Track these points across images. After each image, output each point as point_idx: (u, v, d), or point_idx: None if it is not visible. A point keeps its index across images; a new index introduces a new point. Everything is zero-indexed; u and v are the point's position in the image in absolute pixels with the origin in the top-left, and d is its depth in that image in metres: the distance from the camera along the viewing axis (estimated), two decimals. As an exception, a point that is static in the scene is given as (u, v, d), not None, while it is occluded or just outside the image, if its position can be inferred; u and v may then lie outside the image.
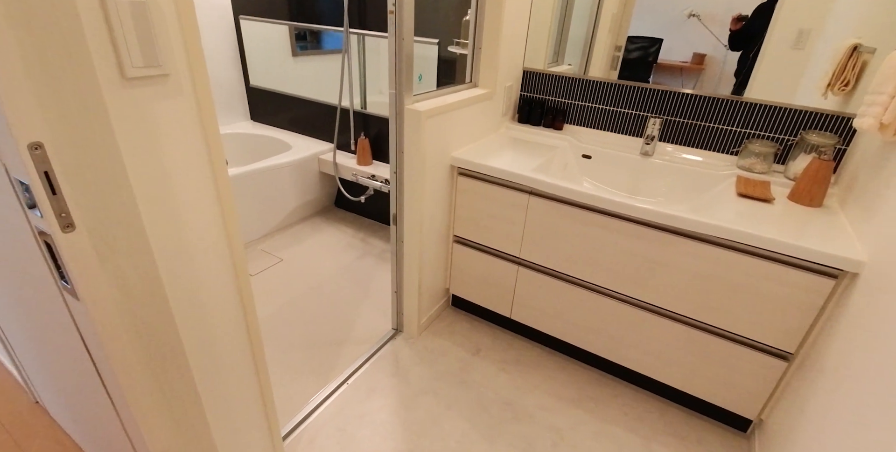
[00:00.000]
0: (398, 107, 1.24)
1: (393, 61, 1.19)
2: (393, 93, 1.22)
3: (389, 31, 1.17)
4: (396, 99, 1.23)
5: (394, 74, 1.20)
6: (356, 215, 2.52)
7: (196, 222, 0.73)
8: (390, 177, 1.35)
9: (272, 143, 2.47)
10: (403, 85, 1.20)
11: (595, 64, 1.64)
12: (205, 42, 2.29)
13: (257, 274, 1.96)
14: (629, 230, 1.22)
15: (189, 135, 0.68)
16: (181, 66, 0.64)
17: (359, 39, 2.08)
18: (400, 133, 1.27)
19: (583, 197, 1.24)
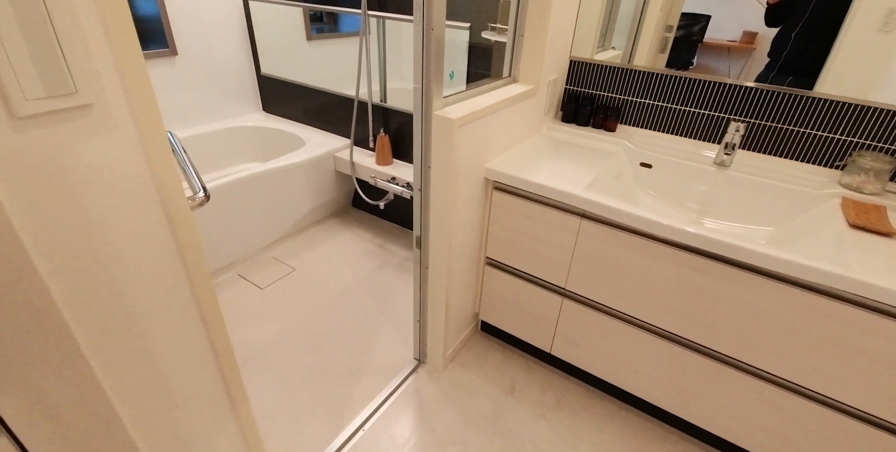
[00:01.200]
0: (425, 111, 1.01)
1: (420, 57, 0.96)
2: (419, 94, 1.00)
3: (416, 19, 0.93)
4: (423, 102, 1.00)
5: (420, 72, 0.97)
6: (375, 217, 2.32)
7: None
8: (414, 195, 1.14)
9: (285, 138, 2.27)
10: (432, 85, 0.97)
11: (642, 46, 1.38)
12: (211, 27, 2.08)
13: (267, 286, 1.80)
14: (704, 266, 0.99)
15: (131, 183, 0.48)
16: (112, 89, 0.43)
17: (378, 23, 1.83)
18: (426, 143, 1.05)
19: (653, 226, 1.00)
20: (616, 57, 1.43)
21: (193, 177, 0.77)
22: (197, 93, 2.14)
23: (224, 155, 2.29)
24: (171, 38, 1.97)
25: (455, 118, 0.98)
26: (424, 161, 1.07)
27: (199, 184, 0.75)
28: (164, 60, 1.98)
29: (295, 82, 2.22)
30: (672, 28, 1.39)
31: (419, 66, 0.97)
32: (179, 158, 0.84)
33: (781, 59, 1.15)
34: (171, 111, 2.07)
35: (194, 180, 0.76)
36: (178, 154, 0.84)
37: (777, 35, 1.17)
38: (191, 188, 0.74)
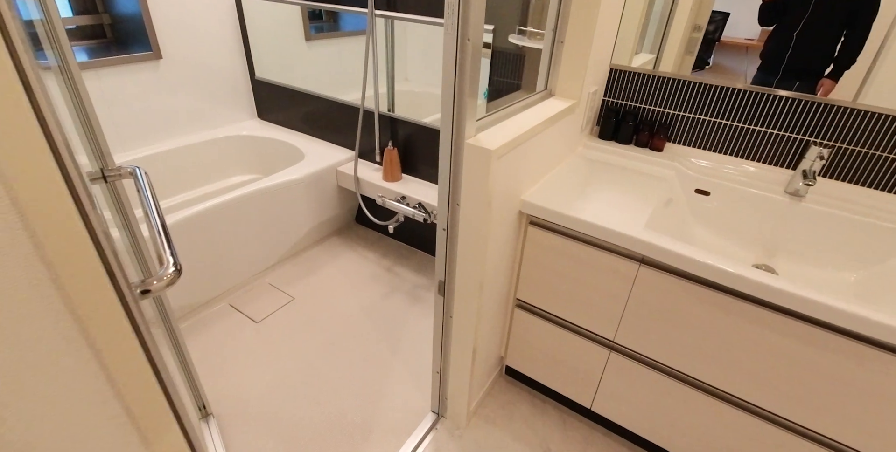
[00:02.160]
0: (455, 139, 0.82)
1: (451, 73, 0.77)
2: (448, 118, 0.80)
3: (447, 25, 0.74)
4: (453, 128, 0.81)
5: (450, 92, 0.78)
6: (381, 235, 2.13)
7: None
8: (438, 235, 0.95)
9: (282, 149, 2.08)
10: (465, 108, 0.78)
11: (669, 48, 1.20)
12: (199, 27, 1.88)
13: (263, 320, 1.61)
14: (787, 327, 0.81)
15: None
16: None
17: (386, 23, 1.64)
18: (455, 176, 0.86)
19: (739, 282, 0.82)
20: (648, 62, 1.25)
21: (163, 243, 0.58)
22: (185, 99, 1.94)
23: (217, 167, 2.10)
24: (155, 40, 1.77)
25: (493, 148, 0.79)
26: (452, 197, 0.88)
27: (169, 254, 0.56)
28: (147, 65, 1.78)
29: (292, 88, 2.02)
30: (701, 28, 1.23)
31: (449, 85, 0.78)
32: (151, 217, 0.65)
33: (784, 61, 1.06)
34: (156, 120, 1.87)
35: (164, 248, 0.57)
36: (151, 216, 0.65)
37: (772, 34, 1.07)
38: (158, 260, 0.55)
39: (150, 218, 0.66)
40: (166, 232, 0.63)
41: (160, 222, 0.63)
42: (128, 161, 1.78)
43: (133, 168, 0.77)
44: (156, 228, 0.63)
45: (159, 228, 0.63)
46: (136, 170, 0.76)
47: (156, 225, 0.63)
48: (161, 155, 1.88)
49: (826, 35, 1.00)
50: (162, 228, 0.63)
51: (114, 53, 1.73)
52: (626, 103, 1.30)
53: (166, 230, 0.63)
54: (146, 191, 0.72)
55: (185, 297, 1.56)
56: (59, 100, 0.75)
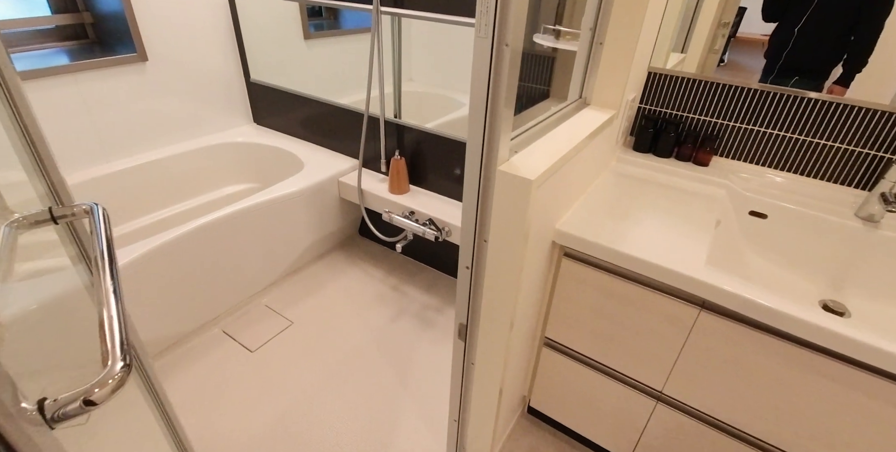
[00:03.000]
0: (485, 164, 0.68)
1: (483, 86, 0.62)
2: (478, 140, 0.66)
3: (479, 26, 0.59)
4: (483, 152, 0.66)
5: (482, 109, 0.63)
6: (386, 249, 1.99)
7: None
8: (460, 274, 0.81)
9: (280, 158, 1.93)
10: (499, 128, 0.64)
11: (695, 46, 1.07)
12: (188, 25, 1.73)
13: (258, 348, 1.47)
14: (878, 388, 0.67)
15: None
16: None
17: (393, 21, 1.49)
18: (483, 208, 0.71)
19: (829, 340, 0.68)
20: (678, 63, 1.11)
21: (112, 329, 0.43)
22: (174, 104, 1.79)
23: (210, 176, 1.95)
24: (140, 41, 1.62)
25: (533, 178, 0.65)
26: (479, 233, 0.74)
27: (118, 341, 0.41)
28: (132, 67, 1.63)
29: (289, 91, 1.88)
30: (728, 25, 1.11)
31: (480, 100, 0.63)
32: (101, 276, 0.51)
33: (782, 58, 1.00)
34: (143, 126, 1.73)
35: (111, 331, 0.42)
36: (100, 275, 0.51)
37: (775, 30, 0.99)
38: (109, 354, 0.41)
39: (100, 275, 0.52)
40: (119, 304, 0.48)
41: (112, 285, 0.49)
42: (113, 172, 1.64)
43: (90, 205, 0.62)
44: (104, 293, 0.48)
45: (110, 297, 0.48)
46: (93, 207, 0.62)
47: (105, 288, 0.48)
48: (149, 165, 1.74)
49: (830, 32, 0.92)
50: (114, 296, 0.49)
51: (97, 55, 1.58)
52: (666, 111, 1.15)
53: (119, 300, 0.48)
54: (101, 237, 0.57)
55: (174, 325, 1.42)
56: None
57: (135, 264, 1.22)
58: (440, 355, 1.46)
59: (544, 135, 0.80)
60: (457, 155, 1.53)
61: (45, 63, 1.46)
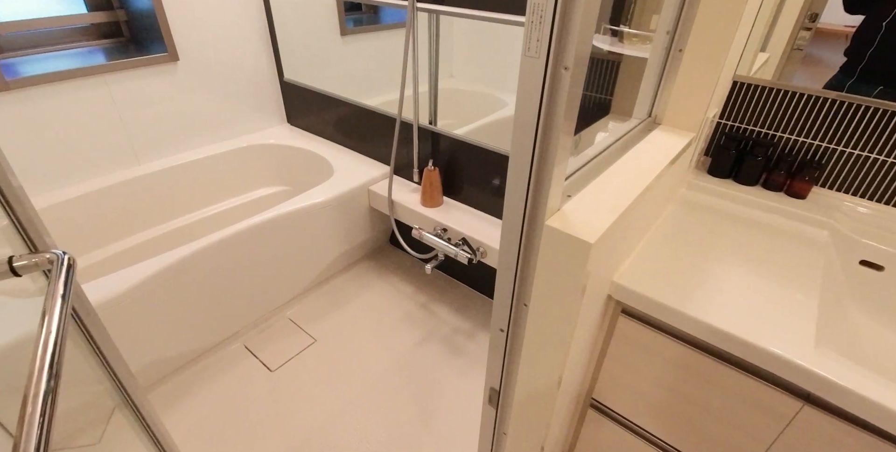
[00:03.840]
0: (529, 216, 0.53)
1: (529, 119, 0.47)
2: (520, 185, 0.51)
3: (528, 40, 0.44)
4: (528, 200, 0.52)
5: (527, 147, 0.48)
6: (417, 261, 1.87)
7: None
8: (493, 336, 0.67)
9: (311, 161, 1.84)
10: (549, 174, 0.49)
11: (775, 45, 0.86)
12: (220, 23, 1.65)
13: (278, 368, 1.39)
14: None
15: None
16: None
17: (430, 16, 1.34)
18: (524, 268, 0.57)
19: None
20: (763, 65, 0.90)
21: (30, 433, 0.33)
22: (206, 104, 1.73)
23: (242, 178, 1.90)
24: (170, 40, 1.55)
25: (593, 240, 0.49)
26: (518, 295, 0.59)
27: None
28: (163, 68, 1.58)
29: (322, 92, 1.77)
30: (816, 17, 0.90)
31: (527, 136, 0.48)
32: (41, 347, 0.41)
33: (865, 59, 0.81)
34: (174, 128, 1.68)
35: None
36: (41, 347, 0.41)
37: (860, 25, 0.80)
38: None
39: (38, 346, 0.42)
40: (48, 398, 0.38)
41: (47, 371, 0.39)
42: (144, 175, 1.61)
43: (56, 254, 0.53)
44: (35, 376, 0.38)
45: (41, 383, 0.38)
46: (59, 256, 0.52)
47: (37, 367, 0.38)
48: (180, 167, 1.69)
49: None
50: (45, 384, 0.38)
51: (132, 53, 1.53)
52: (754, 129, 0.95)
53: (50, 392, 0.38)
54: (55, 296, 0.47)
55: (195, 340, 1.36)
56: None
57: (159, 276, 1.16)
58: (468, 389, 1.34)
59: (605, 170, 0.64)
60: (496, 166, 1.37)
61: (81, 62, 1.42)
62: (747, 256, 0.76)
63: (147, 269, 1.16)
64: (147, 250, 1.66)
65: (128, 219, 1.62)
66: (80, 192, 1.48)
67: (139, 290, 1.14)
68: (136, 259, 1.64)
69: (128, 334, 1.16)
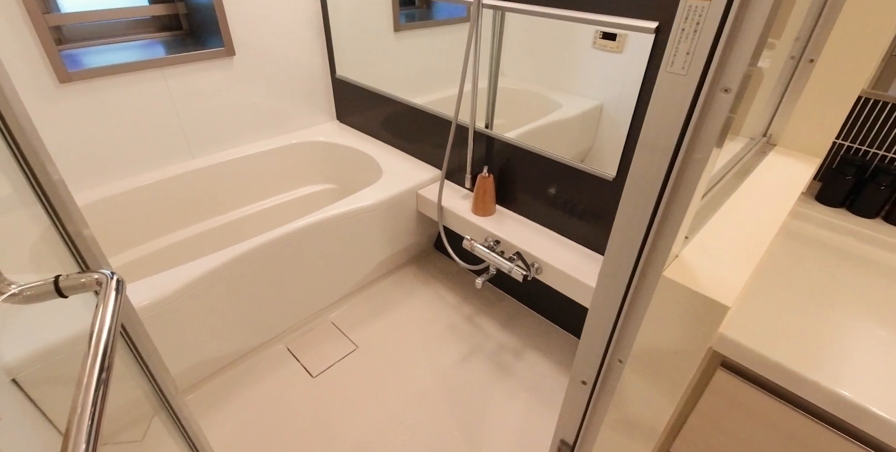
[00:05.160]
0: (644, 263, 0.44)
1: (663, 145, 0.38)
2: (639, 219, 0.42)
3: (671, 54, 0.35)
4: (647, 244, 0.43)
5: (649, 178, 0.40)
6: (462, 268, 1.80)
7: None
8: (572, 385, 0.58)
9: (360, 161, 1.80)
10: (679, 215, 0.40)
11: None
12: (276, 19, 1.62)
13: (319, 374, 1.36)
14: None
15: None
16: None
17: (495, 16, 1.25)
18: (627, 323, 0.48)
19: None
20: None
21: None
22: (259, 100, 1.71)
23: (291, 175, 1.88)
24: (227, 34, 1.53)
25: (729, 302, 0.40)
26: (614, 351, 0.51)
27: None
28: (219, 62, 1.56)
29: (373, 89, 1.72)
30: None
31: (654, 164, 0.39)
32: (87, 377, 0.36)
33: None
34: (228, 123, 1.67)
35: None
36: (87, 377, 0.36)
37: None
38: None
39: (85, 371, 0.37)
40: (95, 415, 0.33)
41: (94, 393, 0.34)
42: (198, 169, 1.61)
43: (104, 274, 0.48)
44: (81, 396, 0.34)
45: (87, 400, 0.33)
46: (107, 277, 0.48)
47: (83, 388, 0.33)
48: (232, 162, 1.69)
49: None
50: (92, 403, 0.34)
51: (189, 46, 1.53)
52: (877, 152, 0.81)
53: (97, 409, 0.33)
54: (105, 319, 0.43)
55: (239, 341, 1.34)
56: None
57: (207, 277, 1.14)
58: (516, 415, 1.26)
59: (722, 204, 0.54)
60: (553, 174, 1.28)
61: (140, 55, 1.42)
62: (879, 309, 0.64)
63: (195, 270, 1.14)
64: (197, 245, 1.66)
65: (179, 212, 1.63)
66: (135, 185, 1.49)
67: (187, 291, 1.12)
68: (186, 253, 1.64)
69: (174, 334, 1.15)
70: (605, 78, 1.09)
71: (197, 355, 1.24)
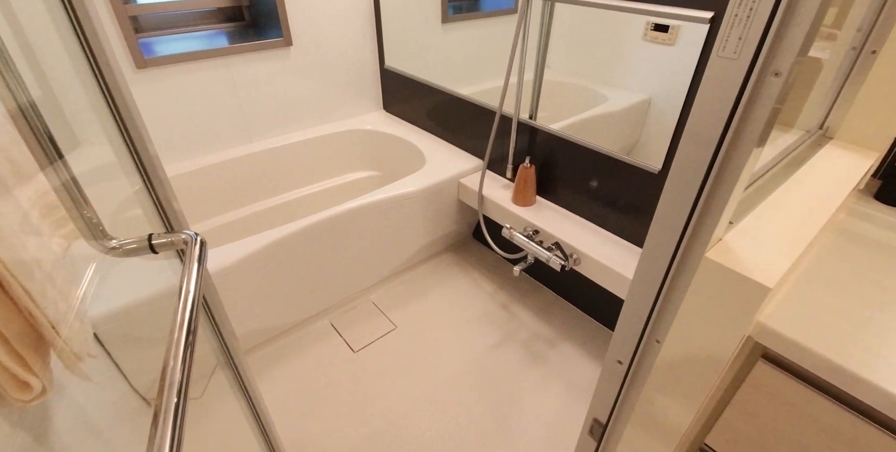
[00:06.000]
0: (686, 243, 0.46)
1: (710, 128, 0.39)
2: (683, 199, 0.44)
3: (723, 38, 0.37)
4: (691, 225, 0.44)
5: (697, 160, 0.41)
6: (498, 257, 1.83)
7: None
8: (607, 364, 0.60)
9: (404, 149, 1.85)
10: (724, 198, 0.41)
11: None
12: (332, 11, 1.68)
13: (360, 350, 1.43)
14: None
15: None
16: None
17: (544, 7, 1.26)
18: (667, 304, 0.50)
19: None
20: None
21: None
22: (312, 89, 1.79)
23: (337, 161, 1.96)
24: (287, 26, 1.61)
25: (771, 284, 0.42)
26: (652, 331, 0.53)
27: None
28: (277, 52, 1.64)
29: (419, 79, 1.76)
30: None
31: (700, 149, 0.41)
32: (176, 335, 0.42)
33: None
34: (282, 110, 1.76)
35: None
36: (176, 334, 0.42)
37: None
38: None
39: (175, 321, 0.43)
40: (187, 358, 0.39)
41: (187, 329, 0.40)
42: (253, 152, 1.71)
43: (189, 235, 0.55)
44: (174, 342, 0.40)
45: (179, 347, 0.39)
46: (192, 237, 0.54)
47: (175, 338, 0.39)
48: (284, 147, 1.78)
49: None
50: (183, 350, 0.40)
51: (250, 37, 1.62)
52: (947, 148, 0.77)
53: (189, 354, 0.39)
54: (191, 275, 0.49)
55: (287, 315, 1.43)
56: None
57: (257, 254, 1.23)
58: (547, 402, 1.28)
59: (771, 194, 0.54)
60: (596, 166, 1.28)
61: (207, 44, 1.52)
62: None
63: (252, 245, 1.22)
64: (251, 223, 1.77)
65: (236, 192, 1.74)
66: (198, 166, 1.60)
67: (245, 263, 1.21)
68: (241, 231, 1.75)
69: (230, 303, 1.24)
70: (654, 71, 1.08)
71: (250, 323, 1.33)
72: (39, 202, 0.54)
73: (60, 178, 0.55)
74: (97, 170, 0.62)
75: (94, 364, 0.82)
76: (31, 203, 0.53)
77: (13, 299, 0.47)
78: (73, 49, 0.50)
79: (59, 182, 0.54)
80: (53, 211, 0.56)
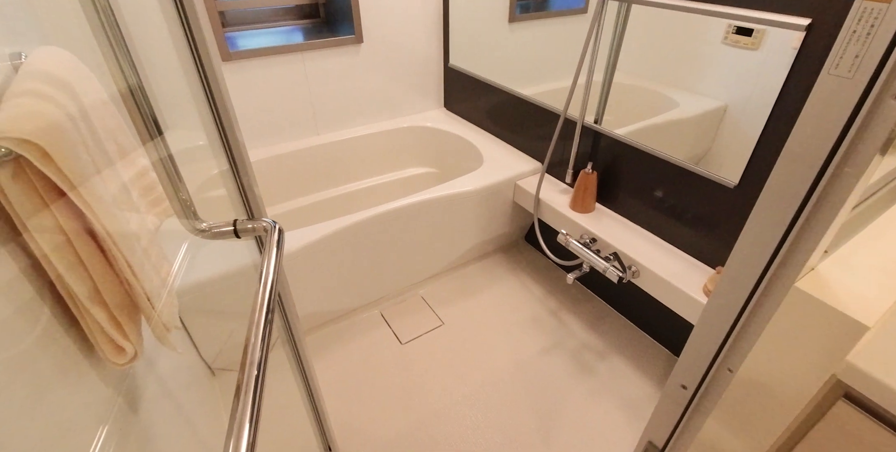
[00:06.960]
0: (774, 270, 0.43)
1: (814, 150, 0.37)
2: (776, 222, 0.42)
3: (835, 55, 0.34)
4: (781, 250, 0.42)
5: (794, 182, 0.38)
6: (549, 263, 1.80)
7: None
8: (669, 388, 0.58)
9: (462, 148, 1.86)
10: (822, 224, 0.38)
11: None
12: (402, 9, 1.71)
13: (408, 342, 1.46)
14: None
15: None
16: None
17: (620, 7, 1.21)
18: (745, 331, 0.47)
19: None
20: None
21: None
22: (379, 85, 1.84)
23: (397, 156, 2.00)
24: (359, 24, 1.66)
25: (870, 323, 0.38)
26: (724, 358, 0.50)
27: None
28: (349, 49, 1.70)
29: (482, 79, 1.76)
30: None
31: (802, 169, 0.38)
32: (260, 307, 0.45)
33: None
34: (349, 105, 1.82)
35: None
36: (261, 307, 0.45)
37: None
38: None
39: (256, 305, 0.46)
40: (266, 341, 0.42)
41: (267, 308, 0.43)
42: (321, 144, 1.78)
43: (269, 222, 0.58)
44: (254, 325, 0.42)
45: (259, 330, 0.42)
46: (272, 225, 0.57)
47: (256, 320, 0.42)
48: (349, 141, 1.84)
49: None
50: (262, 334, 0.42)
51: (324, 33, 1.68)
52: None
53: (267, 338, 0.42)
54: (270, 262, 0.52)
55: (341, 301, 1.49)
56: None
57: (323, 241, 1.28)
58: (593, 414, 1.25)
59: (874, 221, 0.50)
60: (663, 175, 1.22)
61: (285, 40, 1.60)
62: None
63: (315, 233, 1.28)
64: (311, 213, 1.85)
65: (300, 182, 1.82)
66: (270, 154, 1.69)
67: (310, 248, 1.27)
68: (302, 219, 1.84)
69: (294, 284, 1.31)
70: (733, 77, 1.02)
71: (308, 306, 1.40)
72: (139, 181, 0.60)
73: (160, 156, 0.60)
74: (184, 153, 0.67)
75: (173, 335, 0.89)
76: (132, 182, 0.58)
77: (116, 270, 0.52)
78: (178, 41, 0.54)
79: (157, 160, 0.59)
80: (150, 190, 0.62)
